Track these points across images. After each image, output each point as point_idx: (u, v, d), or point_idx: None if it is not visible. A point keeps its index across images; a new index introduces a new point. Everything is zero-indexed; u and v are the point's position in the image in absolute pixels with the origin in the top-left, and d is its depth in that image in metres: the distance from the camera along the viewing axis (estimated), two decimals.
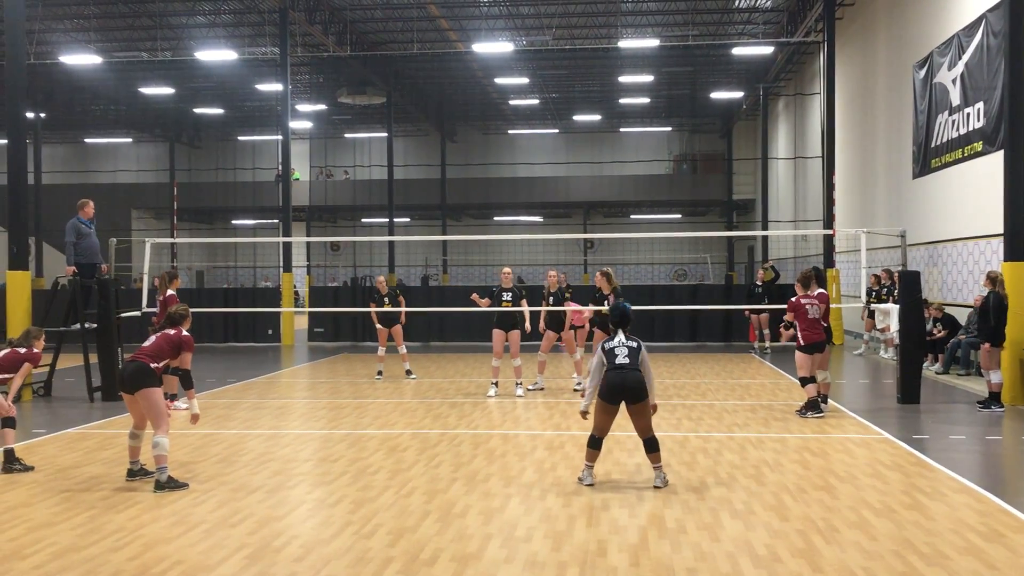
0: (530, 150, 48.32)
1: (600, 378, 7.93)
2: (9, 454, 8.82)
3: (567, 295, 14.26)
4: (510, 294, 13.77)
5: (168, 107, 42.55)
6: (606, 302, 13.24)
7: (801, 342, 11.71)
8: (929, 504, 7.33)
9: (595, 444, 7.98)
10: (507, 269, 14.07)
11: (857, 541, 6.36)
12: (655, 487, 7.87)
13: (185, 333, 8.42)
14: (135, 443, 8.33)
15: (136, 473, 8.31)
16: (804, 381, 11.78)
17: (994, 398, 12.18)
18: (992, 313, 12.22)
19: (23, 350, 9.13)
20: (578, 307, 14.41)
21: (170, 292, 12.80)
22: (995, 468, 9.21)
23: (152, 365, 8.08)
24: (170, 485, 7.90)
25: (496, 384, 13.90)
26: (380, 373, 16.18)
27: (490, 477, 8.33)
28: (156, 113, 44.28)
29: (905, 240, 14.33)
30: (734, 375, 16.48)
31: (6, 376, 9.02)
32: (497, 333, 13.79)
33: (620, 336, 7.97)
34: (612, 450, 9.57)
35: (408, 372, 16.25)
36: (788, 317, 11.89)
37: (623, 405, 7.86)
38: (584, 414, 8.13)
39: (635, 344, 7.91)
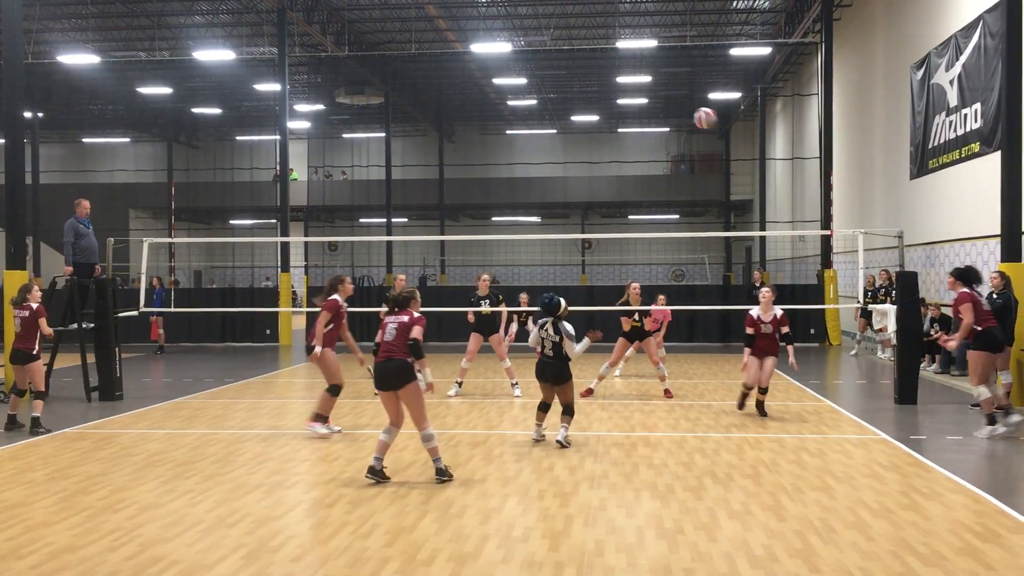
0: (528, 150, 48.31)
1: (535, 336, 9.86)
2: (35, 420, 10.73)
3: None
4: (487, 301, 13.88)
5: (166, 107, 42.52)
6: (636, 315, 13.55)
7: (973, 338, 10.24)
8: (926, 504, 7.33)
9: (543, 408, 10.02)
10: (485, 276, 14.24)
11: (854, 541, 6.36)
12: (556, 441, 9.66)
13: (416, 315, 8.32)
14: (388, 439, 8.20)
15: (378, 473, 8.05)
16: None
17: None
18: (1012, 313, 12.17)
19: (26, 313, 10.91)
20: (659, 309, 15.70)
21: (333, 297, 10.65)
22: (992, 469, 9.21)
23: (409, 360, 8.10)
24: (446, 475, 8.13)
25: (460, 384, 13.97)
26: (370, 370, 16.29)
27: (487, 477, 8.33)
28: (154, 113, 44.25)
29: (903, 241, 14.36)
30: (732, 375, 16.48)
31: (32, 345, 10.86)
32: (475, 337, 13.92)
33: (548, 327, 9.65)
34: (610, 450, 9.59)
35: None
36: (963, 315, 10.16)
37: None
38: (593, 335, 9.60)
39: (558, 338, 9.57)
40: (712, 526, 6.76)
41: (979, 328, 10.24)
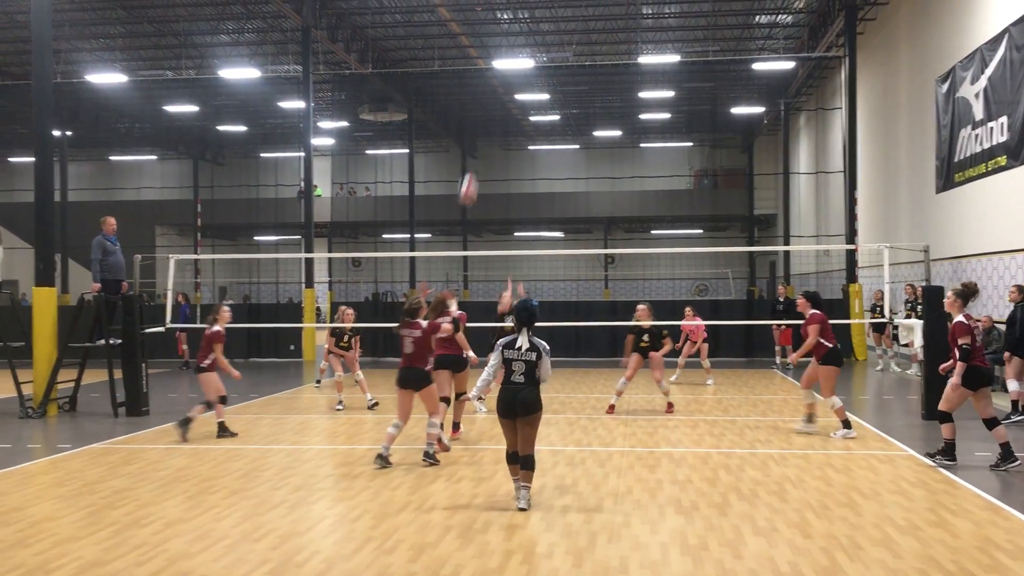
0: (551, 166, 48.37)
1: (495, 375, 8.23)
2: (221, 425, 11.51)
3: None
4: (511, 318, 13.84)
5: (192, 124, 42.96)
6: (645, 336, 13.44)
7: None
8: (954, 521, 7.26)
9: (508, 459, 7.98)
10: (507, 294, 14.04)
11: (881, 559, 6.30)
12: (519, 508, 7.70)
13: (423, 323, 9.82)
14: (395, 432, 9.64)
15: (384, 459, 9.50)
16: (944, 417, 9.51)
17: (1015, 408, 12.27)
18: (1020, 325, 12.25)
19: (209, 330, 11.59)
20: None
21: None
22: (1021, 485, 9.09)
23: (427, 368, 9.80)
24: (431, 458, 9.61)
25: (482, 399, 13.87)
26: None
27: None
28: (180, 130, 44.70)
29: (928, 255, 14.26)
30: (756, 391, 16.39)
31: (202, 360, 11.49)
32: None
33: (521, 341, 7.83)
34: (634, 466, 9.55)
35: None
36: (965, 341, 9.32)
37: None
38: (479, 399, 9.37)
39: (534, 357, 7.79)
40: (737, 543, 6.72)
41: (829, 345, 11.24)
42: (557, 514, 7.57)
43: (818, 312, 11.40)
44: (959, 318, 9.51)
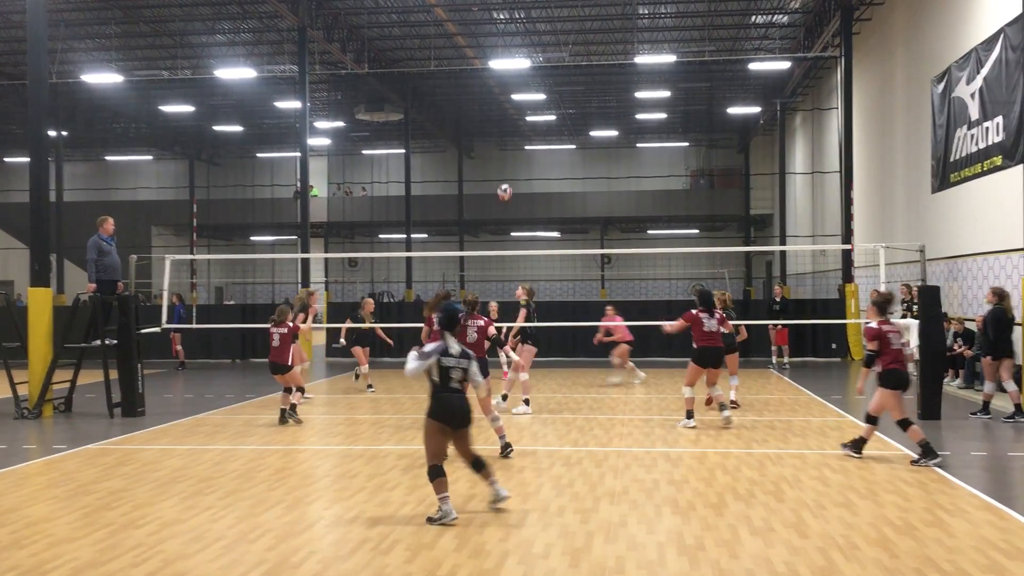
0: (547, 166, 48.38)
1: (423, 368, 7.46)
2: (285, 412, 12.64)
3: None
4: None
5: (188, 125, 42.89)
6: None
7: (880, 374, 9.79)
8: (950, 521, 7.26)
9: (439, 472, 7.37)
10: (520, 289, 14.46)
11: (878, 558, 6.31)
12: (494, 508, 7.69)
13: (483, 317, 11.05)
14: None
15: (507, 448, 10.10)
16: (904, 424, 9.69)
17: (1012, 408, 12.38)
18: (991, 327, 12.38)
19: (284, 330, 12.73)
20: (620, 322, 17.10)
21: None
22: (1017, 485, 9.11)
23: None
24: (505, 452, 10.09)
25: (527, 402, 13.79)
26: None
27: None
28: (176, 131, 44.65)
29: (924, 255, 14.27)
30: (752, 391, 16.38)
31: (286, 359, 12.67)
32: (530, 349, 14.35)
33: (453, 347, 7.57)
34: (630, 466, 9.55)
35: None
36: (871, 346, 9.81)
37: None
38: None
39: (466, 363, 7.57)
40: (734, 543, 6.72)
41: (695, 346, 12.09)
42: (553, 514, 7.57)
43: (690, 312, 12.16)
44: (871, 324, 9.87)
